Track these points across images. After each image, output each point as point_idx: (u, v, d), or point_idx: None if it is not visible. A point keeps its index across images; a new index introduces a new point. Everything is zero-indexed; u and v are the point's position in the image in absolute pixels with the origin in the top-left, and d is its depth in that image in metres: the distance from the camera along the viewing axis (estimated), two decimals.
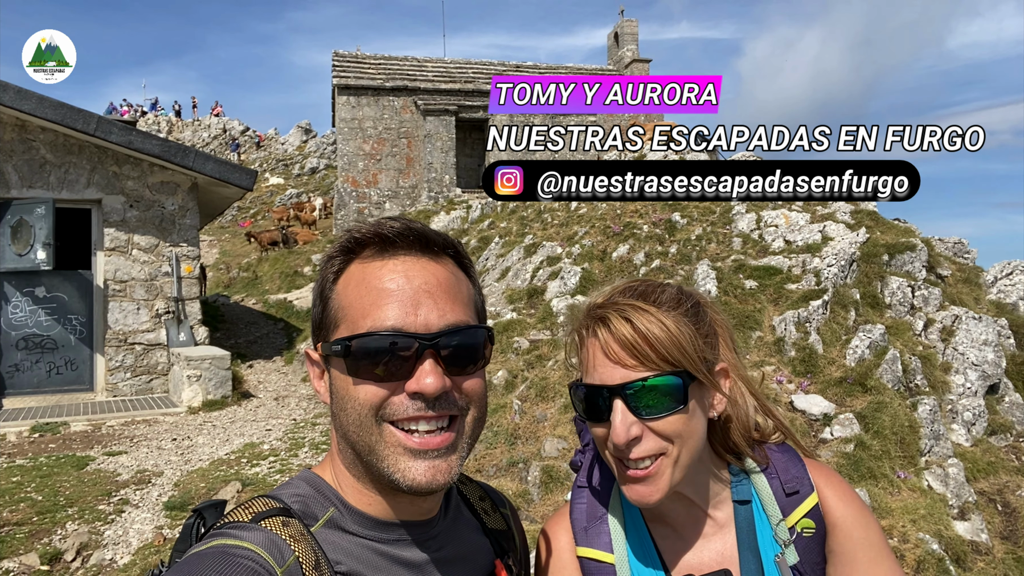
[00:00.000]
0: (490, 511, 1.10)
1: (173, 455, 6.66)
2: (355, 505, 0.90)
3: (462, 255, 0.95)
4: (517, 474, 5.26)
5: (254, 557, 0.76)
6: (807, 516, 1.08)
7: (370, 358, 0.84)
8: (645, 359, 0.97)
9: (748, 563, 1.06)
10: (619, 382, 0.97)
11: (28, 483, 5.88)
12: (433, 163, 22.32)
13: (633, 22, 27.35)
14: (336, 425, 0.90)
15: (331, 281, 0.91)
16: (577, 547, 1.12)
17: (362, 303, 0.86)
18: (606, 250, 9.48)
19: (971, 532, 4.82)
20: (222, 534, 0.81)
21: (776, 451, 1.14)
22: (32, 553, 4.81)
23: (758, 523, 1.09)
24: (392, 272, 0.87)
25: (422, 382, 0.83)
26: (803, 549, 1.06)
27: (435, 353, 0.84)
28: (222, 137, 38.31)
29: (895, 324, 6.62)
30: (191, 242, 10.01)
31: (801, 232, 8.24)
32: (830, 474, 1.14)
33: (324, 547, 0.85)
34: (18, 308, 9.21)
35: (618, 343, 0.98)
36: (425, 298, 0.86)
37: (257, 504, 0.86)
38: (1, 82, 8.64)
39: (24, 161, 9.16)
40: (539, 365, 7.14)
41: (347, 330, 0.87)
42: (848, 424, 5.36)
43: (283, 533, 0.81)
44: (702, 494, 1.09)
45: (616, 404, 0.98)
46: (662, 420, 0.98)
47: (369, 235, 0.90)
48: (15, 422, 7.91)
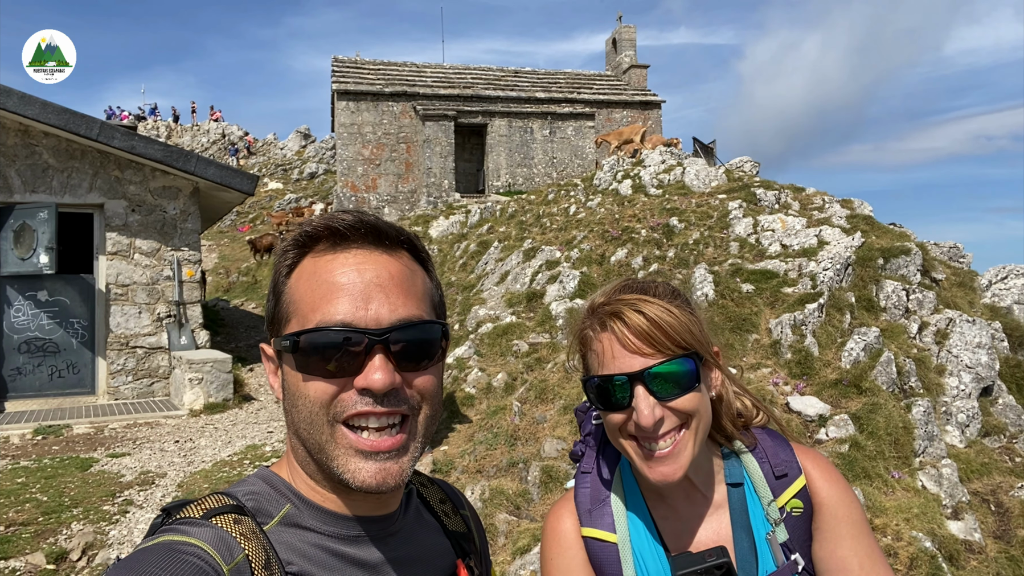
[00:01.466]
0: (451, 513, 1.10)
1: (176, 457, 6.72)
2: (312, 500, 0.89)
3: (418, 248, 0.93)
4: (517, 474, 5.33)
5: (200, 554, 0.74)
6: (796, 497, 1.15)
7: (319, 353, 0.82)
8: (661, 346, 1.06)
9: (741, 541, 1.13)
10: (639, 369, 1.05)
11: (33, 484, 5.93)
12: (432, 168, 22.41)
13: (631, 28, 27.51)
14: (288, 422, 0.88)
15: (284, 275, 0.89)
16: (582, 528, 1.19)
17: (312, 297, 0.84)
18: (604, 254, 9.56)
19: (964, 531, 4.89)
20: (171, 530, 0.79)
21: (764, 435, 1.22)
22: (38, 553, 4.87)
23: (750, 504, 1.16)
24: (343, 266, 0.85)
25: (370, 378, 0.81)
26: (792, 527, 1.14)
27: (385, 348, 0.82)
28: (221, 142, 38.39)
29: (890, 327, 6.70)
30: (192, 246, 10.08)
31: (797, 236, 8.33)
32: (816, 456, 1.21)
33: (276, 546, 0.83)
34: (20, 312, 9.27)
35: (635, 333, 1.06)
36: (376, 292, 0.84)
37: (210, 501, 0.84)
38: (5, 88, 8.71)
39: (27, 166, 9.24)
40: (538, 368, 7.21)
41: (297, 325, 0.85)
42: (843, 425, 5.43)
43: (234, 531, 0.79)
44: (700, 476, 1.16)
45: (638, 390, 1.05)
46: (680, 399, 1.06)
47: (321, 229, 0.88)
48: (18, 425, 7.97)
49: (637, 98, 25.71)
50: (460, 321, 9.41)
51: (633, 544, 1.16)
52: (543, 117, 23.68)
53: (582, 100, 24.88)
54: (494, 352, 7.90)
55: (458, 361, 7.84)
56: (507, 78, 26.13)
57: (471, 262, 12.23)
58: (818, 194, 10.29)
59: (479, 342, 8.13)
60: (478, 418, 6.51)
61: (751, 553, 1.12)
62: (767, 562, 1.12)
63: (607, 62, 28.86)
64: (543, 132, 23.59)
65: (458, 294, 10.80)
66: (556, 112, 23.86)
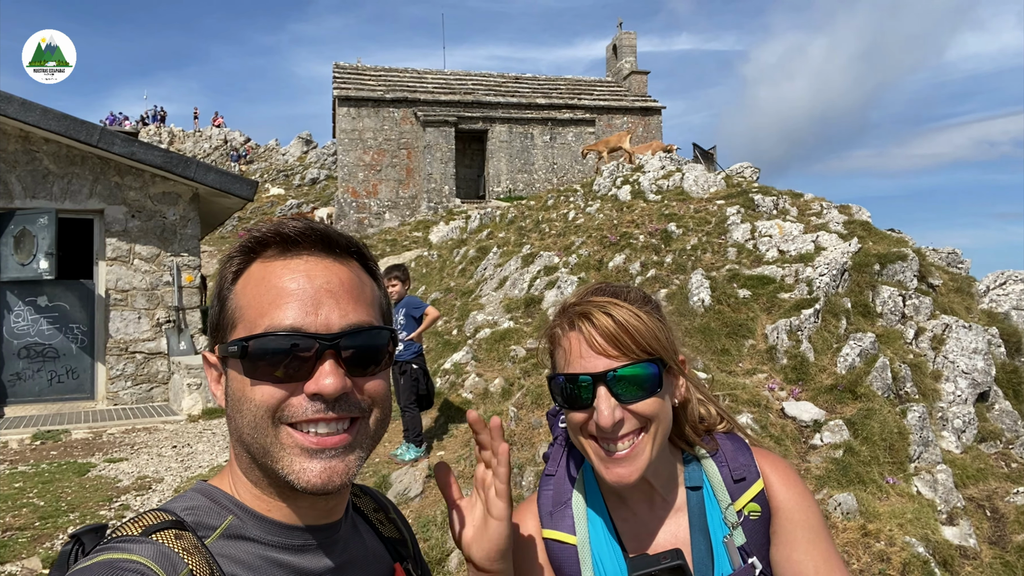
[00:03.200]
0: (384, 521, 1.10)
1: (173, 462, 6.74)
2: (256, 510, 0.87)
3: (367, 257, 0.93)
4: (512, 479, 5.33)
5: (143, 571, 0.72)
6: (753, 500, 1.17)
7: (268, 359, 0.81)
8: (626, 349, 1.07)
9: (699, 544, 1.15)
10: (602, 370, 1.07)
11: (30, 489, 5.96)
12: (433, 174, 22.46)
13: (631, 34, 27.59)
14: (231, 428, 0.87)
15: (230, 281, 0.88)
16: (543, 530, 1.21)
17: (260, 303, 0.84)
18: (603, 260, 9.57)
19: (959, 537, 4.88)
20: (109, 548, 0.76)
21: (726, 440, 1.24)
22: (34, 557, 4.88)
23: (708, 507, 1.18)
24: (293, 272, 0.84)
25: (321, 383, 0.81)
26: (750, 531, 1.15)
27: (336, 354, 0.82)
28: (223, 148, 38.51)
29: (886, 333, 6.71)
30: (192, 252, 10.12)
31: (795, 242, 8.34)
32: (775, 460, 1.23)
33: (219, 559, 0.81)
34: (20, 317, 9.31)
35: (602, 335, 1.08)
36: (327, 298, 0.84)
37: (147, 518, 0.82)
38: (6, 94, 8.77)
39: (27, 172, 9.28)
40: (535, 373, 7.22)
41: (244, 330, 0.84)
42: (838, 430, 5.44)
43: (175, 546, 0.77)
44: (660, 479, 1.18)
45: (600, 391, 1.07)
46: (642, 403, 1.08)
47: (270, 235, 0.87)
48: (17, 430, 7.99)
49: (637, 104, 25.77)
50: (458, 326, 9.42)
51: (592, 546, 1.18)
52: (544, 123, 23.74)
53: (582, 106, 24.94)
54: (492, 357, 7.91)
55: (456, 366, 7.85)
56: (508, 84, 26.21)
57: (470, 267, 12.25)
58: (816, 200, 10.30)
59: (477, 347, 8.15)
60: None
61: (708, 556, 1.14)
62: (723, 565, 1.13)
63: (608, 68, 28.94)
64: (544, 138, 23.64)
65: (457, 299, 10.82)
66: (556, 118, 23.92)
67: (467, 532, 1.04)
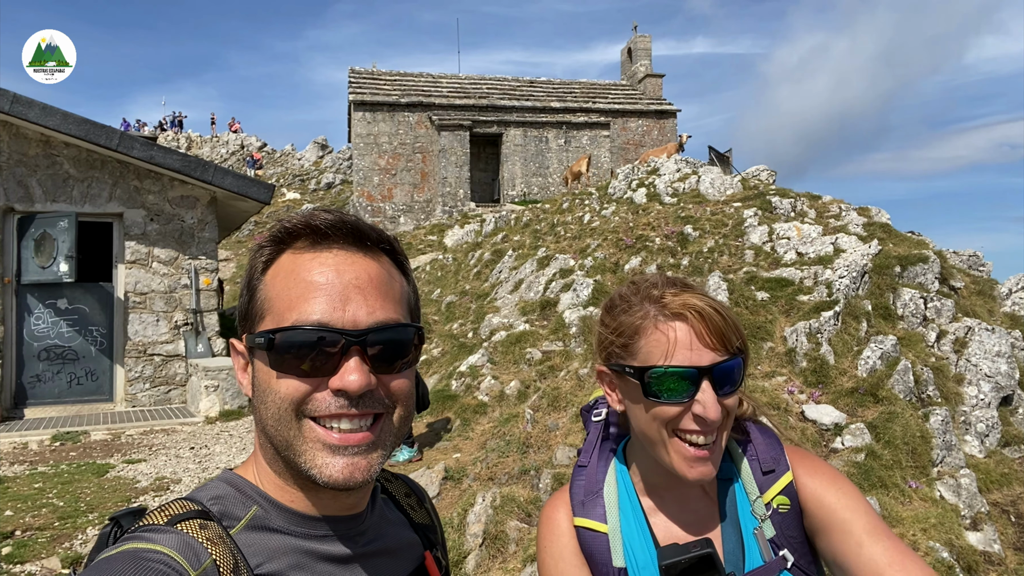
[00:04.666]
0: (416, 507, 1.11)
1: (191, 463, 6.77)
2: (280, 501, 0.88)
3: (397, 251, 0.93)
4: (529, 482, 5.31)
5: (167, 560, 0.73)
6: (782, 493, 1.16)
7: (294, 352, 0.81)
8: (728, 343, 1.09)
9: (729, 535, 1.15)
10: (708, 363, 1.07)
11: (50, 489, 6.00)
12: (447, 178, 22.51)
13: (646, 38, 27.53)
14: (256, 419, 0.87)
15: (260, 271, 0.88)
16: (574, 518, 1.22)
17: (289, 295, 0.83)
18: (618, 262, 9.54)
19: (983, 542, 4.81)
20: (135, 537, 0.77)
21: (757, 432, 1.24)
22: (54, 557, 4.91)
23: (739, 499, 1.18)
24: (322, 265, 0.84)
25: (346, 379, 0.81)
26: (779, 524, 1.14)
27: (361, 350, 0.82)
28: (240, 153, 38.81)
29: (907, 335, 6.62)
30: (210, 255, 10.18)
31: (813, 244, 8.27)
32: (805, 454, 1.22)
33: (244, 549, 0.82)
34: (40, 319, 9.40)
35: (710, 329, 1.08)
36: (355, 293, 0.83)
37: (173, 507, 0.83)
38: (27, 99, 8.88)
39: (48, 176, 9.39)
40: (551, 375, 7.20)
41: (272, 322, 0.84)
42: (859, 434, 5.37)
43: (200, 536, 0.78)
44: None
45: (704, 384, 1.07)
46: (731, 397, 1.11)
47: (301, 226, 0.87)
48: (37, 431, 8.06)
49: (652, 107, 25.71)
50: (474, 329, 9.42)
51: (623, 534, 1.18)
52: (558, 127, 23.74)
53: (597, 110, 24.91)
54: (507, 360, 7.89)
55: (471, 369, 7.84)
56: (522, 88, 26.24)
57: (485, 270, 12.25)
58: (834, 202, 10.21)
59: (492, 350, 8.13)
60: (490, 425, 6.50)
61: (738, 547, 1.14)
62: (754, 557, 1.13)
63: (623, 72, 28.91)
64: (558, 141, 23.64)
65: (472, 302, 10.82)
66: (571, 121, 23.90)
67: None
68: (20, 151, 9.26)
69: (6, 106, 8.74)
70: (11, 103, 8.75)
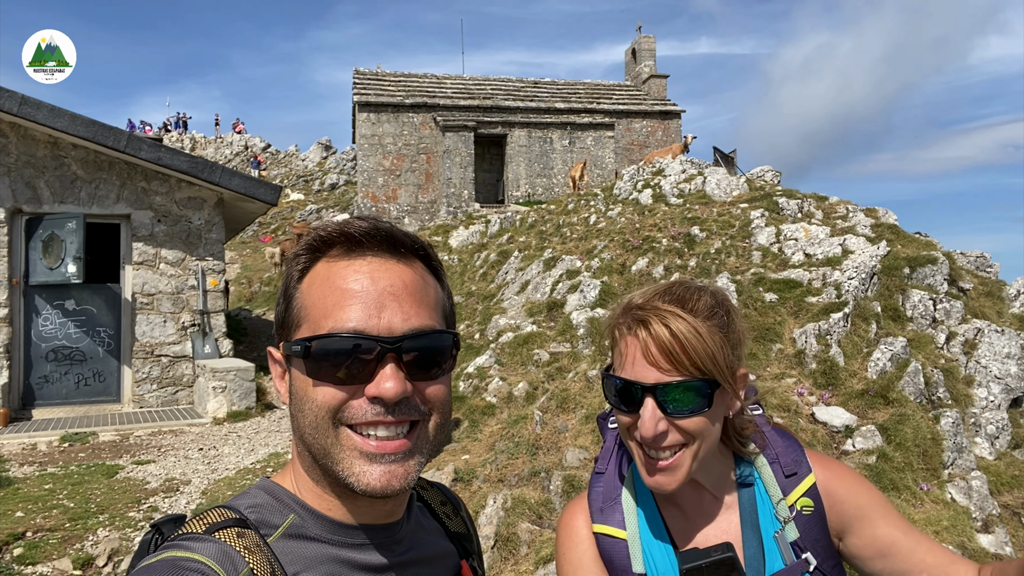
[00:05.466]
0: (452, 515, 1.11)
1: (200, 464, 6.78)
2: (317, 509, 0.88)
3: (431, 257, 0.93)
4: (539, 483, 5.31)
5: (203, 569, 0.74)
6: (805, 495, 1.17)
7: (330, 360, 0.82)
8: (679, 364, 1.05)
9: (750, 539, 1.15)
10: (652, 382, 1.06)
11: (60, 490, 6.01)
12: (452, 178, 22.51)
13: (651, 38, 27.52)
14: (294, 427, 0.88)
15: (296, 279, 0.89)
16: (593, 524, 1.22)
17: (325, 303, 0.84)
18: (625, 263, 9.53)
19: (995, 545, 4.79)
20: (174, 546, 0.78)
21: (776, 436, 1.24)
22: (65, 558, 4.93)
23: (759, 503, 1.19)
24: (357, 273, 0.85)
25: (382, 386, 0.81)
26: (803, 526, 1.15)
27: (397, 357, 0.82)
28: (244, 154, 38.85)
29: (917, 337, 6.61)
30: (217, 256, 10.19)
31: (821, 245, 8.26)
32: (825, 457, 1.23)
33: (281, 558, 0.82)
34: (48, 320, 9.42)
35: (656, 347, 1.06)
36: (390, 300, 0.84)
37: (212, 515, 0.83)
38: (35, 100, 8.89)
39: (56, 177, 9.41)
40: (559, 377, 7.20)
41: (308, 330, 0.84)
42: (870, 436, 5.36)
43: (237, 544, 0.79)
44: (710, 479, 1.19)
45: (647, 401, 1.07)
46: (688, 419, 1.07)
47: (336, 234, 0.87)
48: (45, 432, 8.08)
49: (657, 108, 25.70)
50: (480, 330, 9.42)
51: (643, 541, 1.19)
52: (563, 127, 23.72)
53: (602, 110, 24.90)
54: (515, 361, 7.89)
55: (479, 370, 7.84)
56: (526, 89, 26.23)
57: (491, 272, 12.25)
58: (841, 203, 10.20)
59: (500, 351, 8.13)
60: (499, 427, 6.49)
61: (759, 552, 1.14)
62: (775, 560, 1.14)
63: (627, 72, 28.89)
64: (563, 142, 23.63)
65: (478, 303, 10.82)
66: (576, 122, 23.89)
67: None
68: (28, 152, 9.28)
69: (15, 108, 8.76)
70: (20, 104, 8.77)
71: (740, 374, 1.14)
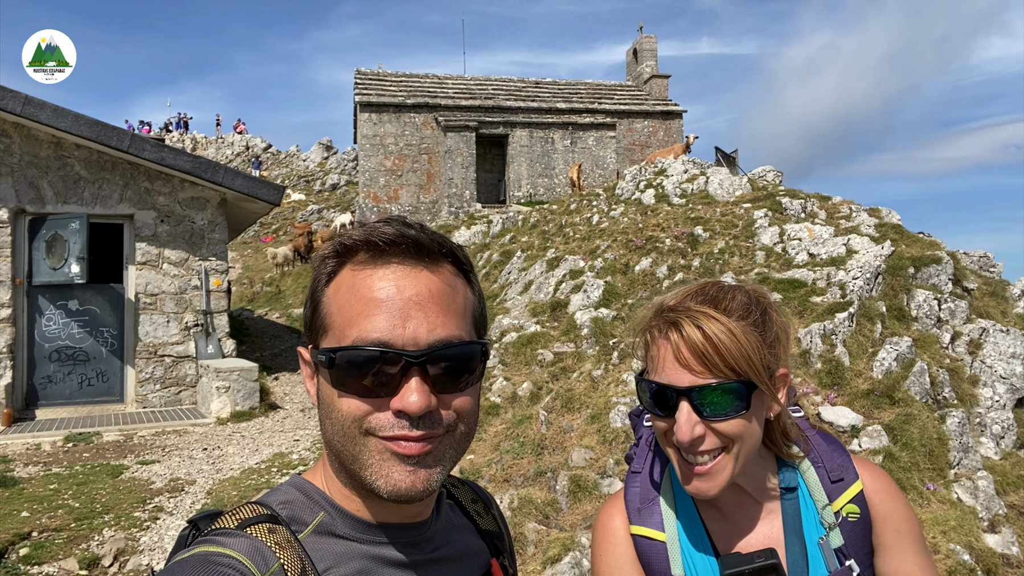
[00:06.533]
0: (483, 513, 1.10)
1: (204, 464, 6.78)
2: (346, 509, 0.89)
3: (461, 260, 0.90)
4: (545, 483, 5.31)
5: (235, 564, 0.75)
6: (852, 502, 1.14)
7: (354, 372, 0.81)
8: (713, 366, 1.03)
9: (793, 545, 1.13)
10: (687, 385, 1.04)
11: (65, 490, 6.01)
12: (453, 179, 22.51)
13: (652, 38, 27.53)
14: (323, 431, 0.88)
15: (323, 283, 0.88)
16: (631, 526, 1.20)
17: (350, 312, 0.83)
18: (628, 263, 9.53)
19: (1002, 545, 4.79)
20: (207, 541, 0.79)
21: (820, 439, 1.22)
22: (71, 558, 4.92)
23: (803, 509, 1.16)
24: (382, 281, 0.83)
25: (406, 401, 0.79)
26: (848, 533, 1.13)
27: (422, 371, 0.81)
28: (245, 155, 38.88)
29: (922, 337, 6.61)
30: (220, 256, 10.19)
31: (825, 245, 8.25)
32: (873, 466, 1.21)
33: (312, 554, 0.83)
34: (52, 321, 9.41)
35: (689, 349, 1.04)
36: (415, 310, 0.81)
37: (244, 511, 0.84)
38: (39, 101, 8.89)
39: (59, 177, 9.40)
40: (564, 377, 7.19)
41: (333, 339, 0.84)
42: (876, 436, 5.35)
43: (268, 540, 0.79)
44: (752, 483, 1.16)
45: (682, 405, 1.04)
46: (725, 422, 1.04)
47: (360, 242, 0.85)
48: (49, 432, 8.08)
49: (658, 108, 25.70)
50: None
51: (682, 543, 1.16)
52: (564, 127, 23.73)
53: (603, 110, 24.90)
54: (519, 361, 7.89)
55: None
56: (528, 89, 26.24)
57: (494, 272, 12.25)
58: (845, 203, 10.19)
59: (503, 351, 8.13)
60: (504, 427, 6.49)
61: (802, 558, 1.12)
62: (819, 567, 1.11)
63: (628, 72, 28.90)
64: (564, 142, 23.63)
65: None
66: (577, 122, 23.90)
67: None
68: (32, 153, 9.28)
69: (18, 108, 8.76)
70: (23, 105, 8.77)
71: (779, 374, 1.11)
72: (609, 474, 5.29)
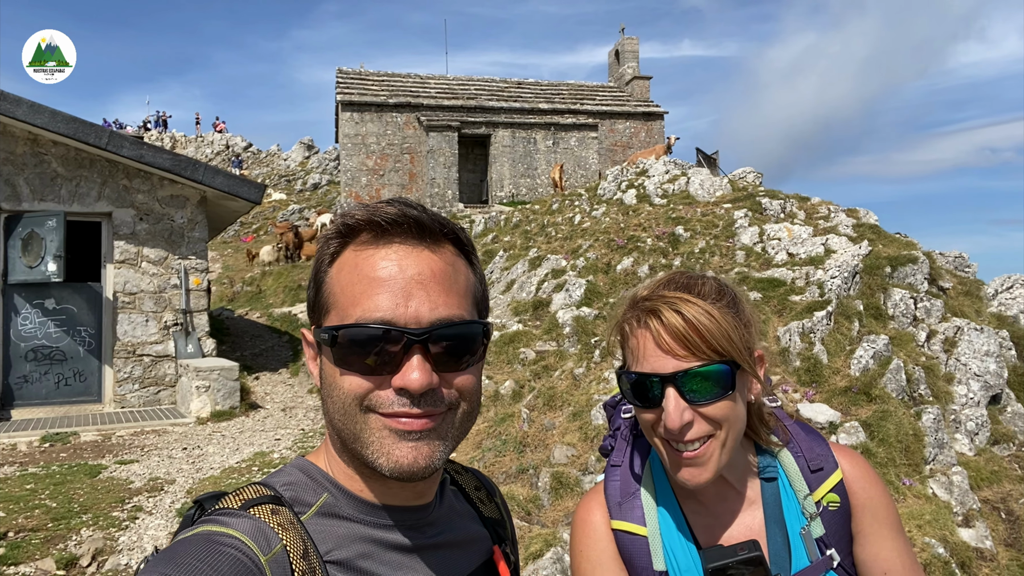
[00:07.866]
0: (486, 500, 1.10)
1: (184, 464, 6.72)
2: (349, 489, 0.89)
3: (462, 240, 0.91)
4: (527, 480, 5.33)
5: (238, 544, 0.75)
6: (832, 491, 1.14)
7: (356, 350, 0.81)
8: (696, 349, 1.03)
9: (775, 536, 1.12)
10: (671, 371, 1.03)
11: (42, 490, 5.94)
12: (436, 178, 22.48)
13: (634, 40, 27.65)
14: (324, 411, 0.89)
15: (326, 263, 0.88)
16: (611, 520, 1.18)
17: (353, 291, 0.83)
18: (610, 263, 9.58)
19: (976, 539, 4.88)
20: (210, 520, 0.80)
21: (799, 429, 1.22)
22: (48, 559, 4.86)
23: (784, 499, 1.15)
24: (385, 260, 0.84)
25: (408, 378, 0.80)
26: (828, 522, 1.13)
27: (423, 348, 0.81)
28: (225, 153, 38.56)
29: (898, 335, 6.70)
30: (199, 255, 10.11)
31: (804, 245, 8.35)
32: (852, 453, 1.21)
33: (314, 536, 0.83)
34: (28, 320, 9.29)
35: (670, 334, 1.03)
36: (417, 289, 0.82)
37: (248, 492, 0.85)
38: (15, 97, 8.77)
39: (36, 174, 9.28)
40: (546, 375, 7.22)
41: (336, 318, 0.84)
42: (854, 432, 5.43)
43: (271, 521, 0.80)
44: (734, 473, 1.15)
45: (669, 392, 1.03)
46: (712, 406, 1.04)
47: (363, 222, 0.86)
48: (25, 432, 7.97)
49: (640, 109, 25.83)
50: None
51: (663, 537, 1.15)
52: (546, 128, 23.78)
53: (585, 111, 24.99)
54: (501, 360, 7.91)
55: None
56: (510, 89, 26.26)
57: None
58: (823, 203, 10.31)
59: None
60: (485, 425, 6.50)
61: (784, 548, 1.12)
62: (801, 557, 1.11)
63: (610, 74, 29.01)
64: (546, 143, 23.69)
65: None
66: (559, 123, 23.96)
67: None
68: (7, 149, 9.15)
69: None
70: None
71: (758, 355, 1.12)
72: (591, 471, 5.32)
